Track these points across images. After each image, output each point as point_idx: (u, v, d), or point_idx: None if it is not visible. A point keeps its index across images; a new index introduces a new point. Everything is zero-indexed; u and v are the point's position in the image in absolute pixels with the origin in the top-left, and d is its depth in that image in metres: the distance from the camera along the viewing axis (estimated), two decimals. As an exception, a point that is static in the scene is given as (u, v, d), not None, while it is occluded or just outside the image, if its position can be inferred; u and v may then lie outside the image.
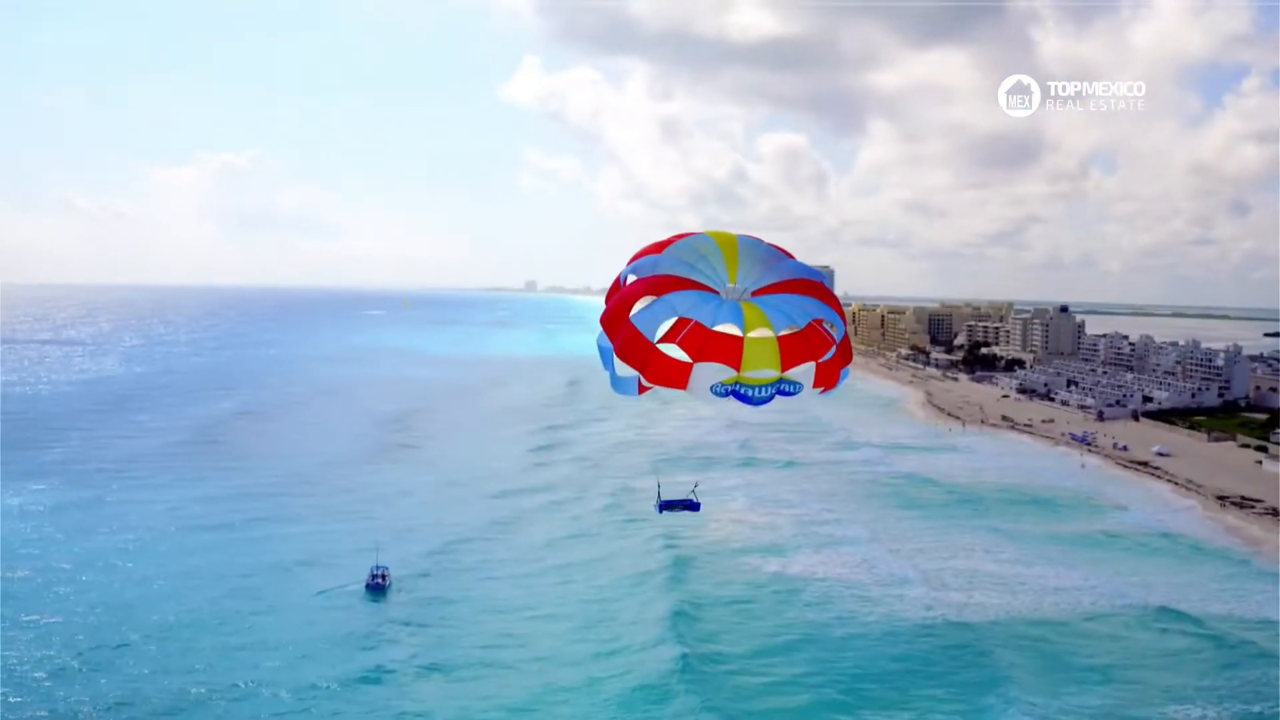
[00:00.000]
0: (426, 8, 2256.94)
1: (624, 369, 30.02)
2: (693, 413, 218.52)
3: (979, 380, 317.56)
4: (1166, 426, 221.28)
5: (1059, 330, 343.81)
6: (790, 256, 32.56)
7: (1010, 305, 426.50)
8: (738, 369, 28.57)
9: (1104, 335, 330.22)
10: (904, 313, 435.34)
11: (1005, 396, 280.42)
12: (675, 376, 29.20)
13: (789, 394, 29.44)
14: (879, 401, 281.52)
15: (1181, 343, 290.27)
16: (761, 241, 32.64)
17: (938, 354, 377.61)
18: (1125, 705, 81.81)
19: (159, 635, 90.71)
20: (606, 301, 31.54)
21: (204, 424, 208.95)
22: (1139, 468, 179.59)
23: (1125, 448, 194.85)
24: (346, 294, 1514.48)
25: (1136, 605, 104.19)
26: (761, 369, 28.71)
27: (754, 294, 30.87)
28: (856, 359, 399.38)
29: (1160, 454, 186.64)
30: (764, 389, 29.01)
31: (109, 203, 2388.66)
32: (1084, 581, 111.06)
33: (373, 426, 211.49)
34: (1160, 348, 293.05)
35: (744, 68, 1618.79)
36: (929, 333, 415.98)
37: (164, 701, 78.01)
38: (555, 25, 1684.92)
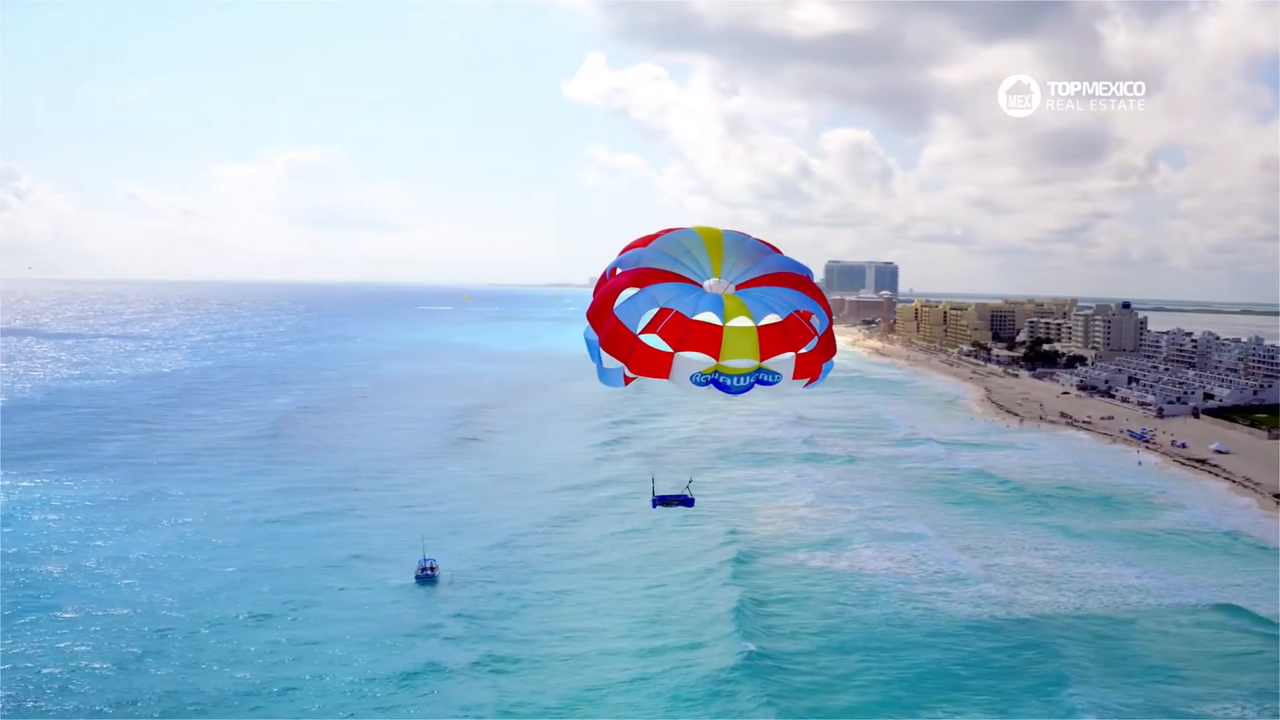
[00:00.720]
0: (490, 7, 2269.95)
1: (610, 360, 30.80)
2: (754, 409, 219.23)
3: (1039, 377, 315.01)
4: (1226, 424, 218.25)
5: (1121, 327, 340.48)
6: (777, 251, 33.24)
7: (1073, 302, 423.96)
8: (717, 358, 29.25)
9: (1166, 332, 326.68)
10: (966, 309, 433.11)
11: (1065, 393, 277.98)
12: (656, 366, 30.00)
13: (768, 384, 30.29)
14: (941, 398, 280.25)
15: (1244, 339, 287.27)
16: (749, 237, 33.36)
17: (999, 350, 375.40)
18: (1188, 703, 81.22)
19: (217, 626, 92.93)
20: (594, 294, 32.26)
21: (266, 418, 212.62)
22: (1196, 465, 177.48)
23: (1184, 445, 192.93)
24: (410, 290, 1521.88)
25: (1195, 603, 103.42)
26: (740, 358, 29.39)
27: (738, 287, 31.57)
28: (918, 356, 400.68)
29: (1218, 451, 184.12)
30: (743, 378, 29.78)
31: (177, 199, 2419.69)
32: (1138, 580, 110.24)
33: (435, 421, 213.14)
34: (1223, 344, 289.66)
35: (808, 63, 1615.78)
36: (991, 329, 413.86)
37: (220, 691, 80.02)
38: (619, 22, 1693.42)
